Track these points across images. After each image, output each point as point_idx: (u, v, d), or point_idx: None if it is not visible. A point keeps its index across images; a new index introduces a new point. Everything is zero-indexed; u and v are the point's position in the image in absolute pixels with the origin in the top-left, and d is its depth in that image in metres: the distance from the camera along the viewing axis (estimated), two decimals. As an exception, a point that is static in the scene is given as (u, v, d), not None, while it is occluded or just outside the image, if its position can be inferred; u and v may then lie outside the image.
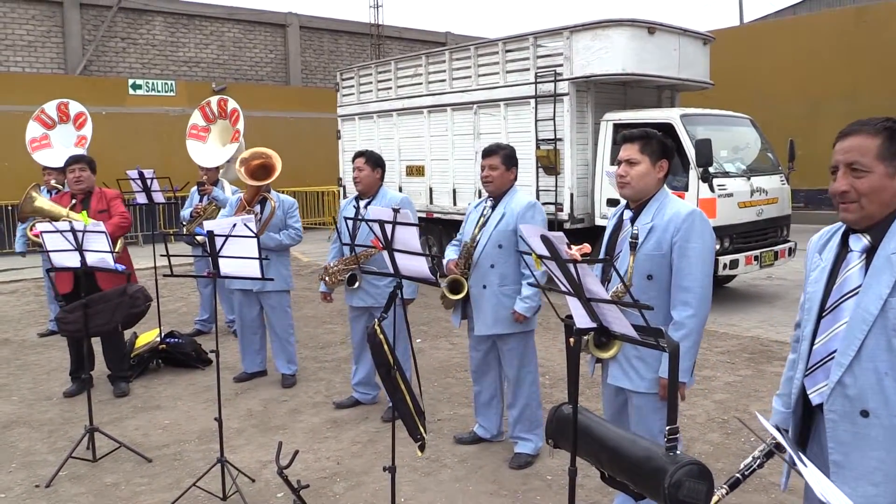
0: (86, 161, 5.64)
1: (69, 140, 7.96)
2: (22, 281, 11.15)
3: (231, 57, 19.84)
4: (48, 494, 4.02)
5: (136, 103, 16.62)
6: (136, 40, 18.48)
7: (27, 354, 6.99)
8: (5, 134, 14.35)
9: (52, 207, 5.54)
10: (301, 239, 5.85)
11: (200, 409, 5.34)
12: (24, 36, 17.23)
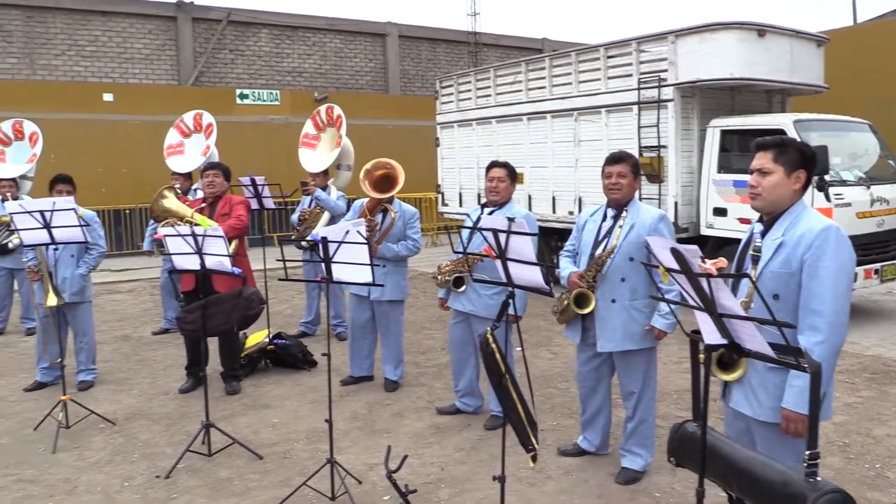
0: (221, 168, 5.92)
1: (199, 148, 8.40)
2: (138, 281, 11.79)
3: (332, 67, 20.40)
4: (168, 485, 4.22)
5: (242, 112, 17.32)
6: (243, 52, 19.26)
7: (145, 351, 7.37)
8: (125, 141, 15.25)
9: (179, 208, 5.83)
10: (419, 250, 5.88)
11: (307, 409, 5.49)
12: (141, 49, 18.25)
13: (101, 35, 17.70)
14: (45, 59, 17.03)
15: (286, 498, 3.92)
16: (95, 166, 14.99)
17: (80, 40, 17.48)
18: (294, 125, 17.02)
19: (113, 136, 15.53)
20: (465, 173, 12.29)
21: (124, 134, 15.43)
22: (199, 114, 8.92)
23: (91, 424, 5.18)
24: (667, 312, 3.88)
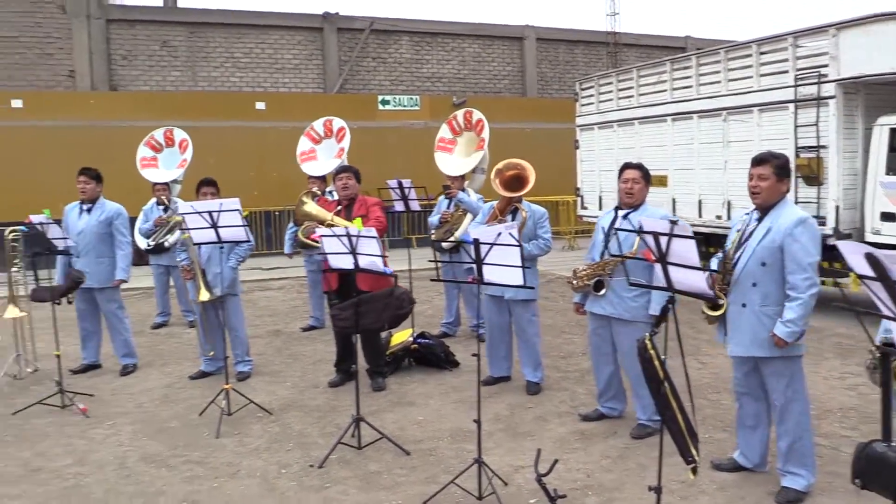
0: (352, 171, 6.12)
1: (332, 152, 8.74)
2: (287, 279, 12.40)
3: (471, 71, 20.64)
4: (321, 474, 4.40)
5: (384, 118, 17.87)
6: (385, 59, 19.86)
7: (295, 345, 7.74)
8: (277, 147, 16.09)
9: (319, 212, 6.09)
10: (550, 249, 5.87)
11: (450, 408, 5.56)
12: (291, 60, 19.21)
13: (254, 48, 18.79)
14: (205, 72, 18.29)
15: (434, 495, 3.98)
16: (248, 170, 15.94)
17: (236, 53, 18.64)
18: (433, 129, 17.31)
19: (264, 142, 16.45)
20: (605, 176, 12.05)
21: (274, 140, 16.30)
22: (328, 120, 9.27)
23: (250, 413, 5.49)
24: (790, 320, 3.69)
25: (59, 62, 16.65)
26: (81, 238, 6.44)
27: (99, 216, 6.51)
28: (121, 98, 16.55)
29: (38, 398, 5.84)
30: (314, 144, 9.15)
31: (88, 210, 6.54)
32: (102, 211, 6.54)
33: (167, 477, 4.44)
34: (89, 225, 6.48)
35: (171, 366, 7.01)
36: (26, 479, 4.46)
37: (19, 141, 15.01)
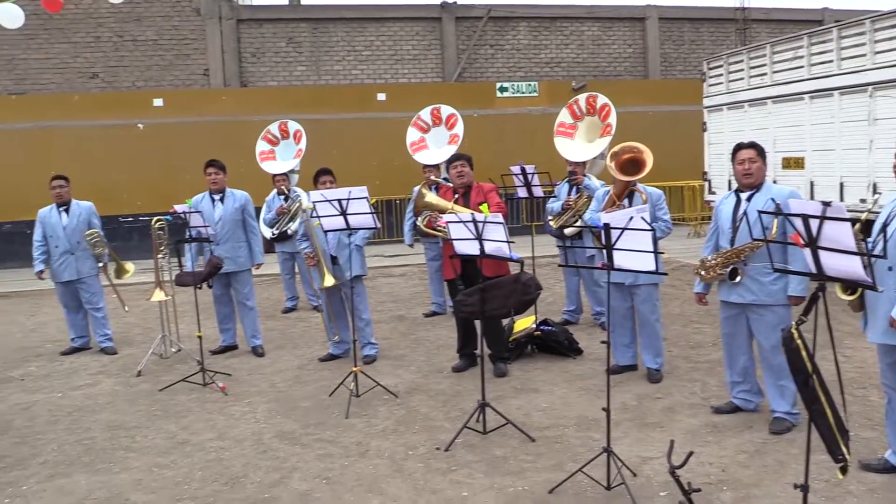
0: (465, 158, 6.12)
1: (443, 140, 8.77)
2: (409, 266, 12.63)
3: (590, 55, 20.19)
4: (447, 458, 4.45)
5: (502, 105, 17.80)
6: (502, 46, 19.75)
7: (418, 330, 7.87)
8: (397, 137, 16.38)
9: (439, 202, 6.12)
10: (671, 231, 5.69)
11: (575, 396, 5.49)
12: (410, 51, 19.45)
13: (374, 40, 19.16)
14: (328, 66, 18.82)
15: (561, 482, 3.95)
16: (370, 160, 16.31)
17: (358, 46, 19.06)
18: (552, 115, 17.10)
19: (385, 132, 16.74)
20: (734, 159, 11.49)
21: (395, 130, 16.52)
22: (436, 108, 9.30)
23: (376, 395, 5.63)
24: None
25: (194, 62, 17.61)
26: (220, 226, 6.83)
27: (233, 204, 6.91)
28: (250, 94, 17.32)
29: (181, 376, 6.24)
30: (423, 133, 9.24)
31: (221, 199, 6.91)
32: (234, 199, 6.95)
33: (301, 454, 4.62)
34: (226, 213, 6.86)
35: (301, 348, 7.29)
36: (174, 450, 4.77)
37: (161, 137, 16.03)
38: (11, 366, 7.17)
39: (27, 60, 16.60)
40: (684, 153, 14.87)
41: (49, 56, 16.68)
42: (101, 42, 16.90)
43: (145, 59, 17.11)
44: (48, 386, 6.41)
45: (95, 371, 6.80)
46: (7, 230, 15.22)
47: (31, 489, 4.30)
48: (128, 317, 7.80)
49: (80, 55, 16.81)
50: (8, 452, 4.88)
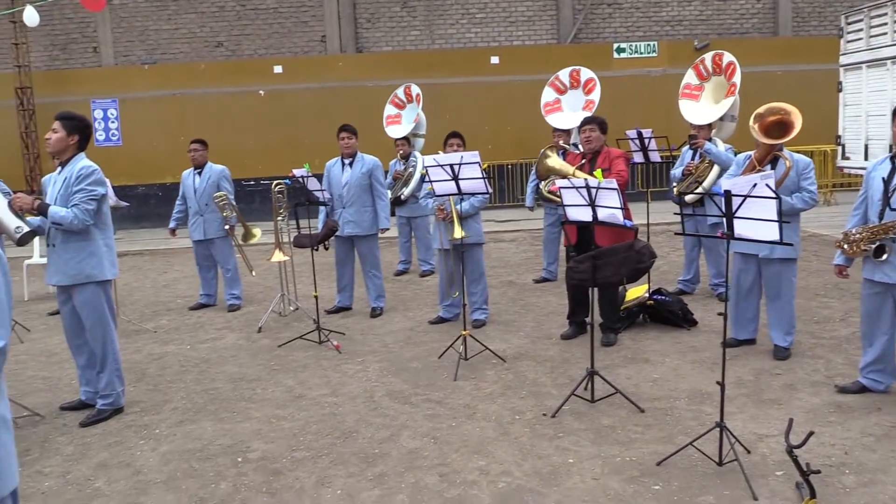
0: (597, 122, 5.96)
1: (578, 104, 8.59)
2: (519, 231, 12.58)
3: (714, 11, 19.16)
4: (554, 424, 4.44)
5: (619, 66, 17.24)
6: (620, 5, 19.06)
7: (528, 297, 7.85)
8: (510, 101, 16.27)
9: (562, 166, 6.02)
10: (815, 203, 5.32)
11: (688, 368, 5.33)
12: (524, 12, 19.09)
13: (489, 2, 18.93)
14: (441, 29, 18.79)
15: (671, 455, 3.86)
16: (483, 125, 16.25)
17: (471, 9, 18.90)
18: (672, 77, 16.42)
19: (498, 96, 16.65)
20: (873, 121, 10.68)
21: (508, 94, 16.44)
22: (575, 70, 9.05)
23: (485, 359, 5.68)
24: None
25: (311, 29, 18.01)
26: (347, 190, 7.02)
27: (361, 168, 7.05)
28: (366, 59, 17.58)
29: (298, 333, 6.52)
30: (559, 95, 9.06)
31: (350, 164, 7.08)
32: (363, 164, 7.08)
33: (410, 413, 4.74)
34: (353, 177, 7.03)
35: (412, 311, 7.44)
36: (291, 403, 5.01)
37: (281, 103, 16.59)
38: (145, 319, 7.71)
39: (158, 31, 17.50)
40: (814, 115, 13.90)
41: (178, 26, 17.51)
42: (226, 11, 17.56)
43: (266, 27, 17.65)
44: (178, 338, 6.86)
45: (220, 326, 7.21)
46: (141, 192, 16.24)
47: (163, 433, 4.63)
48: (248, 275, 8.19)
49: (206, 25, 17.54)
50: (143, 398, 5.27)
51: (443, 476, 3.85)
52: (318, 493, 3.73)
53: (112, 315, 4.95)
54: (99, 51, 17.46)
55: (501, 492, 3.65)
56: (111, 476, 4.07)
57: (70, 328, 4.96)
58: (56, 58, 17.49)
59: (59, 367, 6.11)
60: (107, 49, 17.44)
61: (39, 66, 17.11)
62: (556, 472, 3.82)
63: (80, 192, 4.63)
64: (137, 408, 5.09)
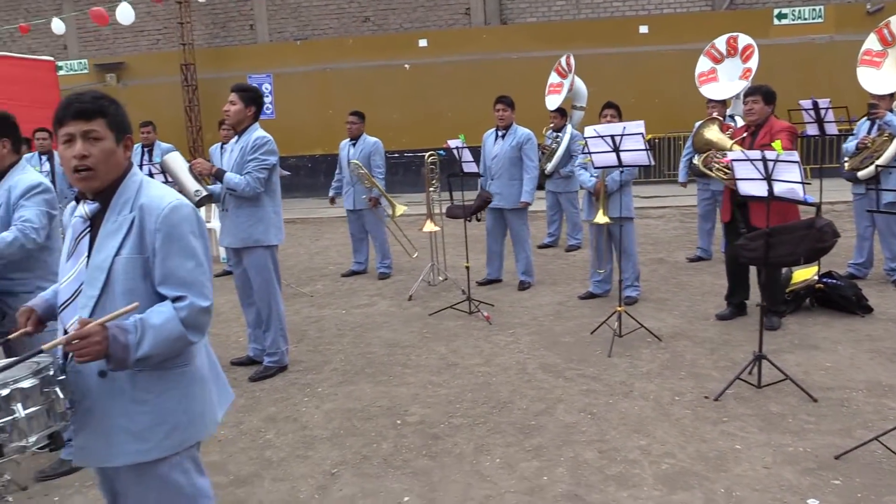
0: (761, 92, 5.57)
1: (735, 73, 8.10)
2: (667, 208, 12.13)
3: (891, -29, 17.52)
4: (716, 407, 4.26)
5: (780, 34, 16.12)
6: (783, -33, 17.81)
7: (681, 275, 7.56)
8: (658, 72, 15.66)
9: (720, 139, 5.70)
10: None
11: (865, 357, 4.95)
12: (676, -22, 18.25)
13: (638, -31, 18.24)
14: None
15: (852, 449, 3.60)
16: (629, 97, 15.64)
17: (620, -24, 18.30)
18: (839, 44, 15.24)
19: (646, 68, 16.06)
20: None
21: (657, 64, 15.83)
22: (732, 37, 8.47)
23: (639, 337, 5.52)
24: None
25: (456, 1, 18.05)
26: (496, 162, 7.00)
27: (511, 141, 7.00)
28: (510, 31, 17.42)
29: (448, 303, 6.61)
30: (715, 64, 8.54)
31: (503, 136, 7.05)
32: (514, 136, 7.01)
33: (564, 387, 4.69)
34: (503, 149, 7.00)
35: (560, 285, 7.35)
36: (445, 371, 5.09)
37: (425, 76, 16.80)
38: (302, 283, 8.07)
39: (309, 8, 18.12)
40: None
41: (328, 2, 18.05)
42: (373, -14, 17.94)
43: (412, 0, 17.86)
44: (333, 303, 7.14)
45: (372, 293, 7.44)
46: (292, 163, 16.98)
47: (325, 391, 4.84)
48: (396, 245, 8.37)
49: (355, 0, 17.98)
50: (304, 358, 5.53)
51: (602, 452, 3.78)
52: (477, 460, 3.77)
53: (278, 278, 5.21)
54: (255, 28, 18.34)
55: (665, 473, 3.55)
56: (280, 429, 4.30)
57: (241, 288, 5.27)
58: (216, 35, 18.54)
59: (226, 325, 6.52)
60: (262, 26, 18.28)
61: (201, 44, 18.20)
62: (723, 458, 3.67)
63: (253, 161, 4.88)
64: (300, 367, 5.34)
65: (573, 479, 3.53)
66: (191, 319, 2.12)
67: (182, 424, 2.23)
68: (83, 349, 1.95)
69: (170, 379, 2.21)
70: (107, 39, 18.78)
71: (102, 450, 2.18)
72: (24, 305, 2.34)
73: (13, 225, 3.49)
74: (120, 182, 2.21)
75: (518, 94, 10.05)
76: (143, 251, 2.14)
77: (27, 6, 19.37)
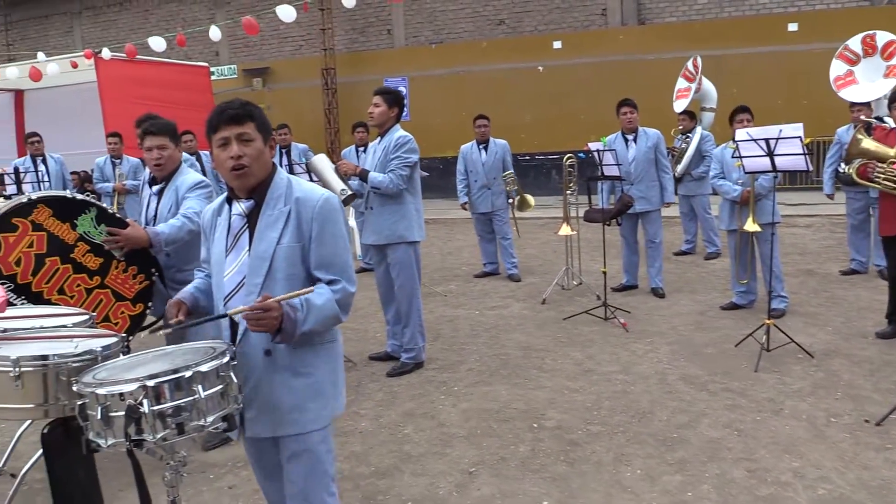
0: None
1: (876, 73, 7.51)
2: (816, 217, 11.42)
3: None
4: (879, 433, 3.96)
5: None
6: (955, -43, 16.32)
7: (833, 288, 7.09)
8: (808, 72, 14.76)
9: (878, 148, 5.29)
10: None
11: None
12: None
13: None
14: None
15: None
16: (774, 99, 14.95)
17: (767, -28, 17.41)
18: None
19: (794, 67, 15.19)
20: None
21: (806, 63, 14.91)
22: (869, 35, 7.81)
23: (788, 352, 5.22)
24: None
25: (593, 2, 17.76)
26: (634, 166, 6.86)
27: (646, 143, 6.86)
28: (648, 31, 16.97)
29: (582, 308, 6.52)
30: (850, 66, 7.98)
31: (634, 139, 6.90)
32: (647, 138, 6.88)
33: (707, 400, 4.51)
34: (639, 152, 6.85)
35: (700, 294, 7.08)
36: (581, 377, 5.02)
37: (559, 78, 16.67)
38: (435, 282, 8.21)
39: (445, 12, 18.40)
40: None
41: (463, 6, 18.27)
42: (509, -12, 17.97)
43: (547, 2, 17.76)
44: (466, 303, 7.21)
45: (505, 295, 7.46)
46: (424, 165, 17.12)
47: (461, 390, 4.89)
48: (527, 248, 8.37)
49: (490, 3, 18.09)
50: (439, 356, 5.62)
51: (751, 472, 3.61)
52: (617, 470, 3.69)
53: (419, 275, 5.32)
54: (392, 33, 18.84)
55: (822, 499, 3.34)
56: (417, 424, 4.39)
57: (382, 286, 5.42)
58: (355, 41, 19.19)
59: (365, 321, 6.73)
60: (399, 31, 18.76)
61: (341, 49, 18.91)
62: (889, 488, 3.40)
63: (396, 160, 5.01)
64: (435, 364, 5.43)
65: (720, 497, 3.39)
66: (343, 301, 2.38)
67: (332, 396, 2.49)
68: (262, 320, 2.19)
69: (322, 353, 2.46)
70: (254, 46, 19.87)
71: (269, 421, 2.40)
72: (173, 298, 2.56)
73: (180, 213, 3.82)
74: (270, 180, 2.43)
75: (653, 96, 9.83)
76: (300, 239, 2.37)
77: (184, 15, 20.84)
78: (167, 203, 3.93)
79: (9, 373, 2.41)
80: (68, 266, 3.63)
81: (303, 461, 2.44)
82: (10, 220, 3.51)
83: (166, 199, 3.94)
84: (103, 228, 3.67)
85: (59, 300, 3.60)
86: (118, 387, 2.01)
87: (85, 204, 3.67)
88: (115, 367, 2.23)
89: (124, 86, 13.05)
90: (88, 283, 3.69)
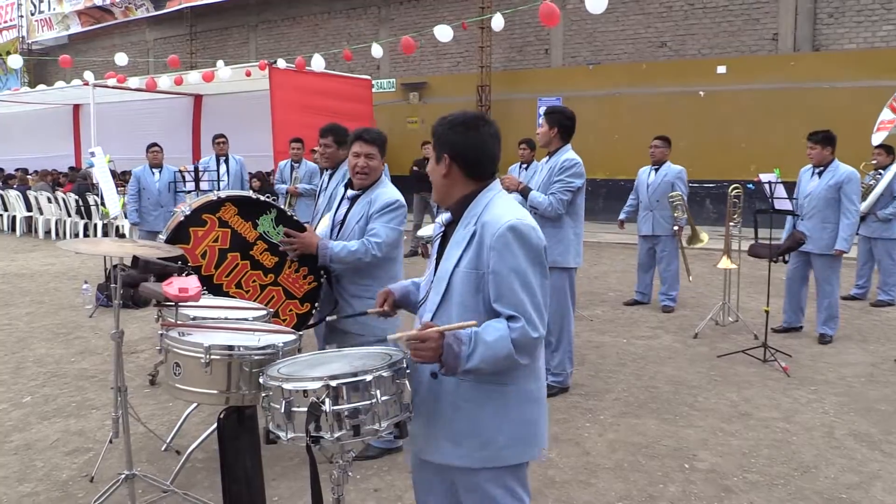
0: None
1: None
2: None
3: None
4: None
5: None
6: None
7: None
8: None
9: None
10: None
11: None
12: None
13: None
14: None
15: None
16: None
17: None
18: None
19: None
20: None
21: None
22: None
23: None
24: None
25: (763, 26, 16.93)
26: (809, 201, 6.41)
27: (829, 180, 6.34)
28: (822, 58, 15.96)
29: (738, 347, 6.19)
30: None
31: (819, 173, 6.43)
32: (833, 174, 6.35)
33: (882, 461, 4.14)
34: (818, 188, 6.38)
35: (871, 343, 6.54)
36: (737, 420, 4.75)
37: (720, 104, 16.01)
38: (580, 307, 8.04)
39: (605, 33, 18.16)
40: None
41: (624, 28, 17.96)
42: (673, 11, 17.46)
43: (713, 25, 17.13)
44: (613, 330, 7.04)
45: (654, 325, 7.21)
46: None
47: (607, 420, 4.77)
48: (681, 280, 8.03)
49: (652, 25, 17.67)
50: (585, 382, 5.51)
51: (934, 547, 3.27)
52: (778, 525, 3.46)
53: (573, 302, 5.24)
54: (549, 52, 18.83)
55: None
56: (562, 451, 4.31)
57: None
58: (512, 59, 19.34)
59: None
60: (556, 51, 18.72)
61: (497, 67, 19.11)
62: None
63: (558, 182, 4.98)
64: (581, 391, 5.33)
65: (898, 570, 3.09)
66: (521, 342, 2.12)
67: (498, 442, 2.24)
68: (418, 350, 2.11)
69: (484, 392, 2.23)
70: (413, 61, 20.47)
71: (424, 443, 2.33)
72: (386, 287, 2.55)
73: (365, 237, 3.81)
74: (473, 197, 2.29)
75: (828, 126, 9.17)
76: (478, 266, 2.19)
77: (350, 30, 21.84)
78: (358, 212, 3.88)
79: (200, 359, 2.60)
80: (247, 262, 3.88)
81: (473, 497, 2.30)
82: (201, 216, 3.80)
83: (357, 209, 3.89)
84: (281, 230, 3.89)
85: (235, 293, 3.85)
86: (303, 384, 2.11)
87: (266, 205, 3.92)
88: (298, 364, 2.35)
89: (293, 95, 13.88)
90: (263, 280, 3.93)
